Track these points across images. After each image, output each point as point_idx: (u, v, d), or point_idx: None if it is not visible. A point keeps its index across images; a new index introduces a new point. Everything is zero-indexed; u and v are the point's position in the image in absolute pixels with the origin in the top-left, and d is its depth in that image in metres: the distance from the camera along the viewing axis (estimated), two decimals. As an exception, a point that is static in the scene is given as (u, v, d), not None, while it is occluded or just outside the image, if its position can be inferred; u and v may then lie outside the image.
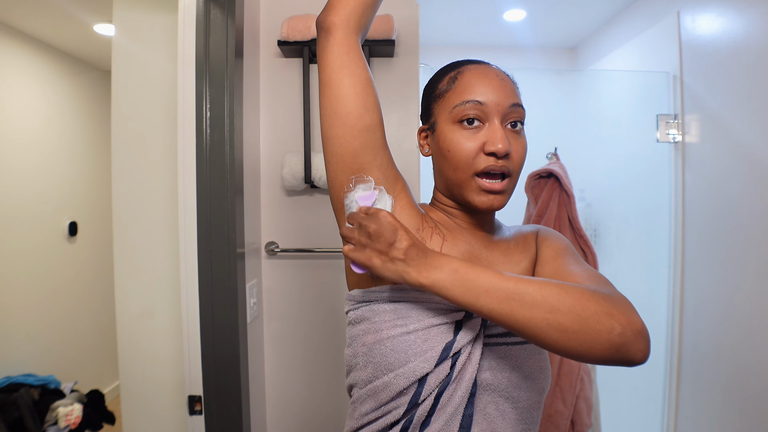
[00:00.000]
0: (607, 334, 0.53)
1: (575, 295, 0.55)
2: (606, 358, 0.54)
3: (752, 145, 1.39)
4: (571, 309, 0.54)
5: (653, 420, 1.82)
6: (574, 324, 0.53)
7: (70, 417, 2.14)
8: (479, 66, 0.72)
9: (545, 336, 0.54)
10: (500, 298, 0.55)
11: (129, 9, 1.45)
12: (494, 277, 0.57)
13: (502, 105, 0.68)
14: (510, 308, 0.55)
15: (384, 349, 0.65)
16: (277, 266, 1.53)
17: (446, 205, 0.77)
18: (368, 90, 0.68)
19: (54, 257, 2.71)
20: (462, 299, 0.57)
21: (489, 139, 0.67)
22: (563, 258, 0.71)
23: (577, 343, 0.53)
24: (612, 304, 0.55)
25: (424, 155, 0.77)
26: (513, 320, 0.55)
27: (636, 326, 0.54)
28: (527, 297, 0.55)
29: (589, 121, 2.18)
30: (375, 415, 0.66)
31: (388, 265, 0.59)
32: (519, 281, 0.56)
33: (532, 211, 1.76)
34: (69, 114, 2.86)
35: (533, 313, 0.54)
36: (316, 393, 1.55)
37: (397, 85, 1.51)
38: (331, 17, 0.68)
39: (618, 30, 2.19)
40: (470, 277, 0.57)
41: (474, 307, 0.57)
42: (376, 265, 0.60)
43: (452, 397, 0.64)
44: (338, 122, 0.67)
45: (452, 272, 0.58)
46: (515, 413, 0.67)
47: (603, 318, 0.53)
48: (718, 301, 1.53)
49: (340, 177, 0.69)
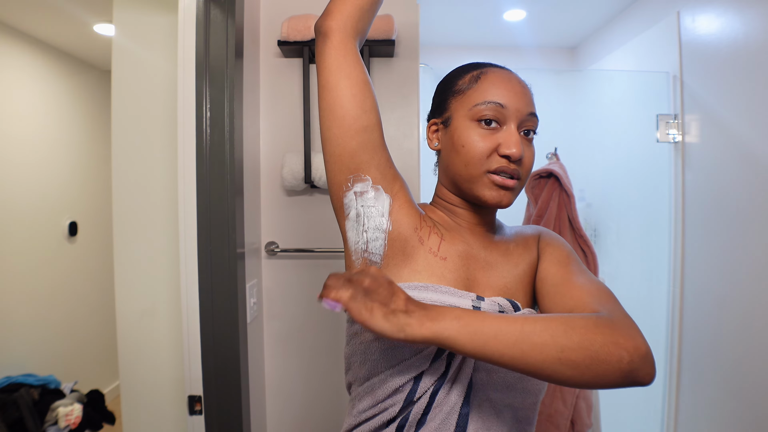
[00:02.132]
0: (617, 363, 0.54)
1: (581, 330, 0.55)
2: (616, 385, 0.55)
3: (752, 145, 1.39)
4: (580, 345, 0.54)
5: (653, 420, 1.82)
6: (585, 359, 0.54)
7: (70, 417, 2.14)
8: (503, 70, 0.74)
9: (559, 375, 0.55)
10: (509, 342, 0.54)
11: (129, 9, 1.45)
12: (499, 322, 0.56)
13: (521, 111, 0.70)
14: (521, 352, 0.54)
15: (381, 346, 0.66)
16: (277, 266, 1.53)
17: (449, 201, 0.77)
18: (365, 92, 0.69)
19: (54, 257, 2.71)
20: (470, 347, 0.55)
21: (505, 141, 0.68)
22: (568, 267, 0.72)
23: (590, 376, 0.54)
24: (617, 331, 0.56)
25: (432, 148, 0.78)
26: (525, 363, 0.55)
27: (642, 351, 0.55)
28: (536, 338, 0.54)
29: (589, 121, 2.18)
30: (372, 412, 0.67)
31: (390, 317, 0.55)
32: (525, 322, 0.56)
33: (532, 211, 1.76)
34: (69, 114, 2.86)
35: (545, 354, 0.54)
36: (316, 393, 1.55)
37: (397, 85, 1.51)
38: (328, 22, 0.69)
39: (618, 30, 2.19)
40: (475, 323, 0.56)
41: (483, 354, 0.55)
42: (376, 317, 0.55)
43: (448, 395, 0.64)
44: (336, 123, 0.68)
45: (455, 320, 0.56)
46: (511, 413, 0.67)
47: (611, 348, 0.54)
48: (717, 301, 1.53)
49: (339, 177, 0.70)
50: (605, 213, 2.06)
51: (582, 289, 0.66)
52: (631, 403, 1.93)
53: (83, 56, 2.89)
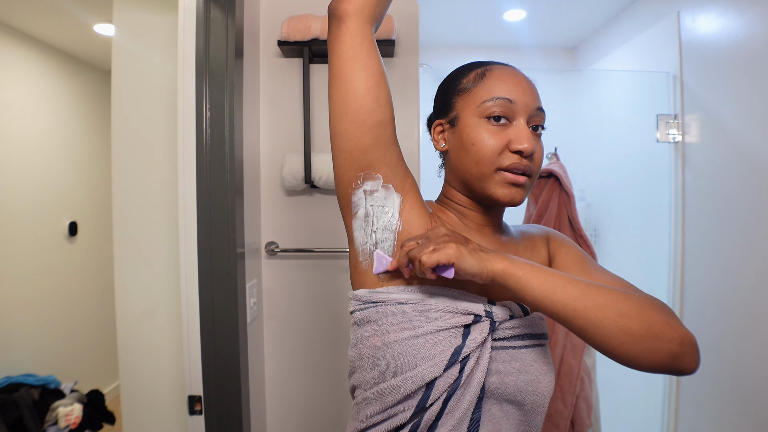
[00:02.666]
0: (668, 342, 0.55)
1: (640, 302, 0.57)
2: (661, 367, 0.56)
3: (752, 145, 1.39)
4: (638, 314, 0.56)
5: (653, 420, 1.82)
6: (641, 329, 0.55)
7: (70, 417, 2.14)
8: (507, 66, 0.73)
9: (613, 338, 0.55)
10: (575, 295, 0.57)
11: (129, 9, 1.45)
12: (564, 277, 0.58)
13: (529, 106, 0.69)
14: (584, 306, 0.56)
15: (392, 353, 0.63)
16: (277, 266, 1.53)
17: (458, 203, 0.75)
18: (381, 84, 0.66)
19: (54, 257, 2.71)
20: (539, 291, 0.57)
21: (516, 137, 0.67)
22: (586, 265, 0.73)
23: (641, 348, 0.55)
24: (671, 315, 0.58)
25: (439, 150, 0.76)
26: (585, 319, 0.56)
27: (691, 339, 0.57)
28: (599, 298, 0.56)
29: (589, 121, 2.18)
30: (380, 417, 0.65)
31: (473, 253, 0.59)
32: (588, 284, 0.58)
33: (532, 211, 1.76)
34: (69, 114, 2.86)
35: (605, 314, 0.55)
36: (316, 393, 1.55)
37: (397, 85, 1.51)
38: (344, 5, 0.64)
39: (618, 30, 2.19)
40: (544, 271, 0.58)
41: (549, 301, 0.57)
42: (463, 253, 0.59)
43: (460, 401, 0.63)
44: (348, 117, 0.65)
45: (527, 266, 0.59)
46: (519, 415, 0.67)
47: (665, 327, 0.56)
48: (718, 301, 1.53)
49: (348, 173, 0.67)
50: (605, 213, 2.06)
51: (608, 282, 0.67)
52: (631, 403, 1.93)
53: (83, 56, 2.89)
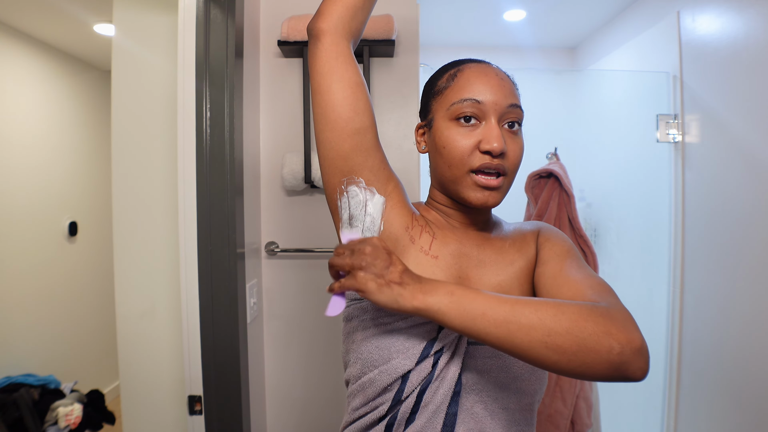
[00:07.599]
0: (606, 354, 0.52)
1: (572, 315, 0.54)
2: (605, 377, 0.54)
3: (752, 145, 1.39)
4: (568, 330, 0.53)
5: (653, 420, 1.82)
6: (573, 346, 0.53)
7: (70, 417, 2.14)
8: (479, 65, 0.72)
9: (544, 359, 0.54)
10: (497, 321, 0.55)
11: (129, 9, 1.45)
12: (490, 300, 0.56)
13: (499, 105, 0.68)
14: (507, 331, 0.54)
15: (370, 347, 0.67)
16: (277, 266, 1.53)
17: (440, 203, 0.77)
18: (357, 94, 0.68)
19: (54, 257, 2.71)
20: (458, 323, 0.56)
21: (485, 137, 0.67)
22: (565, 261, 0.70)
23: (576, 364, 0.53)
24: (610, 321, 0.54)
25: (421, 152, 0.77)
26: (511, 344, 0.54)
27: (635, 344, 0.53)
28: (524, 319, 0.54)
29: (589, 121, 2.18)
30: (364, 410, 0.68)
31: (384, 289, 0.57)
32: (515, 303, 0.56)
33: (532, 211, 1.76)
34: (69, 114, 2.86)
35: (531, 336, 0.54)
36: (316, 393, 1.55)
37: (396, 85, 1.51)
38: (319, 24, 0.69)
39: (618, 30, 2.19)
40: (466, 300, 0.56)
41: (470, 331, 0.56)
42: (371, 289, 0.57)
43: (435, 395, 0.65)
44: (328, 126, 0.68)
45: (447, 295, 0.57)
46: (506, 414, 0.67)
47: (601, 338, 0.53)
48: (718, 301, 1.53)
49: (333, 180, 0.70)
50: (605, 213, 2.06)
51: (581, 282, 0.64)
52: (631, 403, 1.93)
53: (83, 56, 2.89)
